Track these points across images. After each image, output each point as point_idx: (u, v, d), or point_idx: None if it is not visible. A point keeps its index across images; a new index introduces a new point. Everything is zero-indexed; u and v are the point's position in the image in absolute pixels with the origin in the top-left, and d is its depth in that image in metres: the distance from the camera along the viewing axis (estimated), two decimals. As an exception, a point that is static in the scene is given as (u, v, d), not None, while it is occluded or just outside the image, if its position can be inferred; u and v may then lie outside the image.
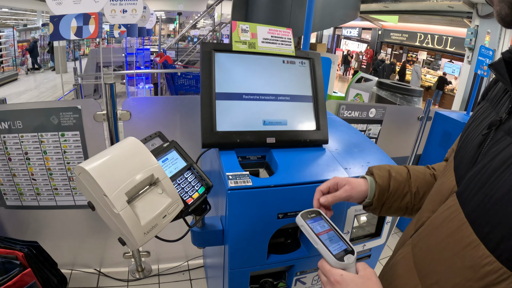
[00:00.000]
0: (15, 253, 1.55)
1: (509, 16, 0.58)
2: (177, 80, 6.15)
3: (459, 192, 0.60)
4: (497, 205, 0.50)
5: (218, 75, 1.25)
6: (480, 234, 0.52)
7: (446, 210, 0.62)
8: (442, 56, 13.28)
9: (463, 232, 0.55)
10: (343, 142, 1.44)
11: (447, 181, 0.68)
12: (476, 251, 0.52)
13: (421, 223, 0.71)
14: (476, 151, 0.62)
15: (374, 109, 2.63)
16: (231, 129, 1.22)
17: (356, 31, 18.25)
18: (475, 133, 0.66)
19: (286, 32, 1.37)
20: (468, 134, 0.69)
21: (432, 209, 0.69)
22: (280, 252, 1.23)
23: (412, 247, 0.70)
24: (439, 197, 0.68)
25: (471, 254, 0.52)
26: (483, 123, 0.65)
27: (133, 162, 0.76)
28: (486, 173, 0.54)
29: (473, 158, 0.62)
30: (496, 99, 0.67)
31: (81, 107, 1.78)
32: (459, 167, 0.66)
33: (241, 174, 1.07)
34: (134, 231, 0.70)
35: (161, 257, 2.38)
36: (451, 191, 0.65)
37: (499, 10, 0.59)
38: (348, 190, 0.89)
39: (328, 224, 0.79)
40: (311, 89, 1.37)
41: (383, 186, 0.90)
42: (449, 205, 0.62)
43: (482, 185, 0.54)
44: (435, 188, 0.75)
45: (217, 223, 1.19)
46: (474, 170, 0.58)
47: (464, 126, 0.75)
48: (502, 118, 0.59)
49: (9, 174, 1.89)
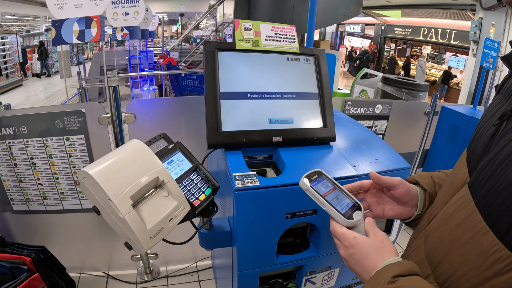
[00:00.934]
0: (22, 258, 1.54)
1: None
2: (181, 81, 6.15)
3: (470, 182, 0.60)
4: (505, 192, 0.49)
5: (222, 75, 1.23)
6: (489, 221, 0.51)
7: (457, 200, 0.61)
8: (446, 50, 13.16)
9: (473, 220, 0.54)
10: (350, 139, 1.42)
11: (460, 173, 0.67)
12: (485, 239, 0.51)
13: (434, 215, 0.70)
14: (488, 141, 0.61)
15: (380, 105, 2.60)
16: (236, 128, 1.21)
17: (359, 27, 18.13)
18: (488, 125, 0.64)
19: (290, 29, 1.35)
20: (481, 127, 0.68)
21: (444, 202, 0.68)
22: (289, 252, 1.22)
23: (424, 239, 0.69)
24: (452, 189, 0.67)
25: (481, 242, 0.52)
26: (496, 115, 0.63)
27: (138, 165, 0.74)
28: (497, 161, 0.54)
29: (485, 148, 0.61)
30: (509, 92, 0.65)
31: (86, 111, 1.78)
32: (471, 158, 0.65)
33: (248, 174, 1.05)
34: (140, 236, 0.68)
35: (169, 258, 2.37)
36: (464, 182, 0.63)
37: None
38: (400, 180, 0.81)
39: (331, 183, 0.79)
40: (316, 86, 1.35)
41: (432, 194, 0.82)
42: (460, 195, 0.61)
43: (492, 173, 0.53)
44: (448, 180, 0.74)
45: (224, 224, 1.17)
46: (485, 160, 0.58)
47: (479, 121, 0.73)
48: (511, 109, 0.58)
49: (15, 180, 1.89)
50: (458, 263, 0.56)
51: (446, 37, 12.53)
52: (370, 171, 0.86)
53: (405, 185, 0.81)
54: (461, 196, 0.60)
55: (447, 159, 2.89)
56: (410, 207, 0.82)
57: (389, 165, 1.26)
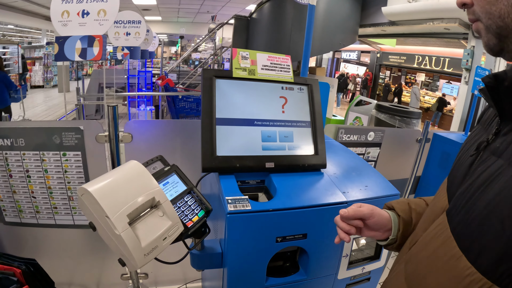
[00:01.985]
0: (13, 270, 1.54)
1: (497, 46, 0.62)
2: (178, 103, 6.23)
3: (448, 209, 0.64)
4: (476, 220, 0.54)
5: (218, 101, 1.28)
6: (462, 247, 0.56)
7: (436, 227, 0.66)
8: (440, 77, 13.48)
9: (448, 245, 0.59)
10: (341, 166, 1.46)
11: (440, 201, 0.72)
12: (459, 263, 0.56)
13: (414, 241, 0.74)
14: (466, 171, 0.65)
15: (372, 132, 2.66)
16: (230, 153, 1.25)
17: (355, 54, 18.54)
18: (467, 155, 0.69)
19: (285, 59, 1.42)
20: (460, 156, 0.73)
21: (425, 228, 0.72)
22: (279, 276, 1.24)
23: (405, 264, 0.73)
24: (432, 216, 0.71)
25: (455, 266, 0.56)
26: (474, 145, 0.68)
27: (135, 185, 0.78)
28: (471, 190, 0.59)
29: (463, 177, 0.65)
30: (487, 122, 0.70)
31: (84, 128, 1.81)
32: (451, 187, 0.70)
33: (240, 198, 1.09)
34: (134, 252, 0.71)
35: (159, 279, 2.36)
36: (443, 210, 0.67)
37: (487, 41, 0.64)
38: (372, 208, 0.87)
39: None
40: (309, 115, 1.40)
41: (406, 220, 0.87)
42: (438, 222, 0.66)
43: (466, 202, 0.58)
44: (429, 208, 0.79)
45: (216, 246, 1.20)
46: (462, 189, 0.62)
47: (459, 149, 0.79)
48: (489, 139, 0.63)
49: (9, 191, 1.90)
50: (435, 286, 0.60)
51: (440, 65, 12.86)
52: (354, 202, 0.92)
53: (375, 215, 0.87)
54: (439, 223, 0.65)
55: (439, 185, 2.91)
56: (382, 232, 0.88)
57: (378, 192, 1.30)
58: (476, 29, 0.66)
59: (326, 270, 1.27)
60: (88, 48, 3.14)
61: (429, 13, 5.60)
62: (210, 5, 12.73)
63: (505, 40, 0.61)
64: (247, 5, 12.13)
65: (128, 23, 5.05)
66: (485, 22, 0.63)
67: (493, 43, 0.63)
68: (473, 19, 0.67)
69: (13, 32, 15.97)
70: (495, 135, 0.62)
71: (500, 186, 0.53)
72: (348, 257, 1.29)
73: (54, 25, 3.23)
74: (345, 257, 1.28)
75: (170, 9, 14.11)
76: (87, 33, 3.17)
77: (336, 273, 1.30)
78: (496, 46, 0.62)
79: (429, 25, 5.90)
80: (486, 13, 0.61)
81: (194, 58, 16.80)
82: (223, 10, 13.35)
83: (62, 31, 3.21)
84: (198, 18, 15.96)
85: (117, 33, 5.10)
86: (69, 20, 3.20)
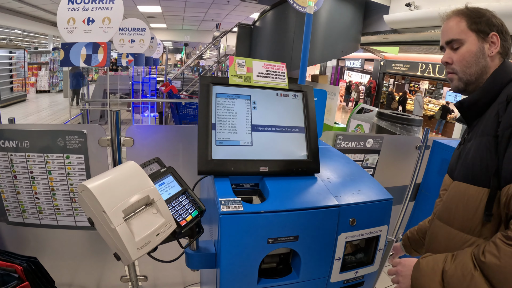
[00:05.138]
0: (14, 267, 1.59)
1: (462, 89, 1.14)
2: (182, 110, 6.31)
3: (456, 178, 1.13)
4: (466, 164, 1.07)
5: (214, 107, 1.33)
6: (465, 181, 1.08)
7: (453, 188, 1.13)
8: (443, 85, 13.49)
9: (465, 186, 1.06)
10: (335, 171, 1.50)
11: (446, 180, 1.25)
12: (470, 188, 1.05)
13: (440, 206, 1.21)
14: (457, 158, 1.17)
15: (371, 139, 2.69)
16: (226, 157, 1.29)
17: (358, 62, 18.62)
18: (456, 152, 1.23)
19: (280, 67, 1.47)
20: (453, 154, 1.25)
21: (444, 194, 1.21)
22: (272, 277, 1.27)
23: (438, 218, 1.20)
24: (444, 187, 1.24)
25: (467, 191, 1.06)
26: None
27: (131, 183, 0.83)
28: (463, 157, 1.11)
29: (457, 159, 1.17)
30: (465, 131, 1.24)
31: (87, 132, 1.86)
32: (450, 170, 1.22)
33: (233, 200, 1.13)
34: (128, 246, 0.76)
35: (158, 282, 2.38)
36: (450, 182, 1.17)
37: (457, 85, 1.14)
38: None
39: None
40: (303, 120, 1.45)
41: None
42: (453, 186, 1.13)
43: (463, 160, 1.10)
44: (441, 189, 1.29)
45: (210, 246, 1.23)
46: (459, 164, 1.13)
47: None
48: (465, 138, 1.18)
49: (13, 191, 1.95)
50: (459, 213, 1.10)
51: (443, 72, 12.83)
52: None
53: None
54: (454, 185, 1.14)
55: (439, 192, 2.93)
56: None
57: (371, 196, 1.32)
58: (450, 78, 1.15)
59: (318, 273, 1.29)
60: (93, 55, 3.22)
61: (430, 20, 5.65)
62: (215, 13, 12.88)
63: (467, 86, 1.13)
64: (251, 13, 12.27)
65: (132, 30, 5.14)
66: (460, 76, 1.12)
67: (461, 87, 1.14)
68: (450, 72, 1.15)
69: (20, 37, 16.21)
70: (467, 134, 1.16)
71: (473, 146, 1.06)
72: (341, 261, 1.31)
73: (60, 32, 3.32)
74: (337, 260, 1.30)
75: (175, 17, 14.29)
76: (92, 40, 3.25)
77: (328, 276, 1.32)
78: (462, 89, 1.14)
79: (430, 33, 5.95)
80: (463, 72, 1.11)
81: (201, 66, 16.94)
82: (227, 18, 13.50)
83: (68, 38, 3.29)
84: (202, 26, 16.14)
85: (122, 40, 5.19)
86: (75, 27, 3.28)
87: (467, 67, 1.09)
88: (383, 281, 2.65)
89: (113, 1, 3.24)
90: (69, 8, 3.23)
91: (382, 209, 1.32)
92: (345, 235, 1.25)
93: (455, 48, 1.11)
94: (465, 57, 1.09)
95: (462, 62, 1.10)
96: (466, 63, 1.09)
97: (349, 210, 1.23)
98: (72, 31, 3.29)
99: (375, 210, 1.28)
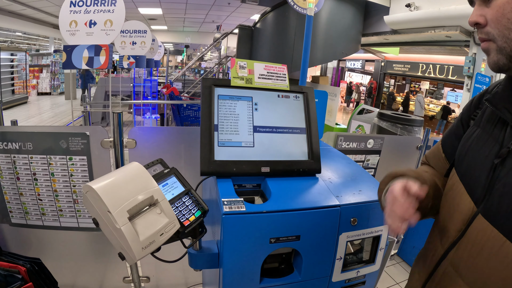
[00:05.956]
0: (18, 268, 1.60)
1: (506, 66, 0.69)
2: (183, 112, 6.33)
3: (487, 215, 0.70)
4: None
5: (217, 108, 1.35)
6: None
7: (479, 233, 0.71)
8: (444, 85, 13.50)
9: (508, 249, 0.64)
10: (336, 172, 1.51)
11: (463, 203, 0.77)
12: None
13: (449, 242, 0.79)
14: (487, 176, 0.72)
15: (372, 139, 2.70)
16: (228, 158, 1.31)
17: (359, 63, 18.63)
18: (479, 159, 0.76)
19: (281, 68, 1.48)
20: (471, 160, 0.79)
21: (456, 229, 0.77)
22: (274, 276, 1.28)
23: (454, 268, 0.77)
24: (460, 217, 0.77)
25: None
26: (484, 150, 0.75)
27: (136, 184, 0.85)
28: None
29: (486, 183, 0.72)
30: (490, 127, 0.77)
31: (90, 134, 1.88)
32: (473, 190, 0.75)
33: (236, 200, 1.14)
34: (133, 245, 0.78)
35: (161, 283, 2.40)
36: (472, 212, 0.74)
37: (496, 60, 0.70)
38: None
39: None
40: (304, 121, 1.46)
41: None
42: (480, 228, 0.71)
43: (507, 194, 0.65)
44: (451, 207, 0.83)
45: (213, 246, 1.25)
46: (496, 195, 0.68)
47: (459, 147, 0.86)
48: (510, 148, 0.68)
49: (16, 193, 1.97)
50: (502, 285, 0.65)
51: (444, 73, 12.88)
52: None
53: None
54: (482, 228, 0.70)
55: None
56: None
57: (371, 196, 1.34)
58: (485, 48, 0.71)
59: (320, 272, 1.30)
60: (95, 57, 3.23)
61: (430, 21, 5.68)
62: (215, 15, 12.91)
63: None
64: (251, 15, 12.30)
65: (134, 32, 5.16)
66: (499, 44, 0.68)
67: (503, 63, 0.69)
68: (484, 39, 0.71)
69: (21, 39, 16.25)
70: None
71: None
72: (342, 260, 1.33)
73: (62, 34, 3.33)
74: (339, 260, 1.32)
75: (176, 19, 14.32)
76: (94, 42, 3.27)
77: (330, 275, 1.33)
78: (506, 66, 0.69)
79: (430, 33, 5.97)
80: (503, 36, 0.66)
81: (203, 67, 16.95)
82: (228, 19, 13.53)
83: (70, 40, 3.31)
84: (203, 27, 16.17)
85: (123, 42, 5.21)
86: (77, 29, 3.30)
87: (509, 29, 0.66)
88: (384, 281, 2.67)
89: (115, 4, 3.26)
90: (71, 10, 3.25)
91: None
92: (346, 235, 1.27)
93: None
94: (505, 11, 0.65)
95: (501, 20, 0.66)
96: (508, 21, 0.65)
97: (350, 210, 1.24)
98: (74, 33, 3.31)
99: (376, 210, 1.29)
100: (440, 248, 0.82)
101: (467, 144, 0.82)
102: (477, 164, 0.75)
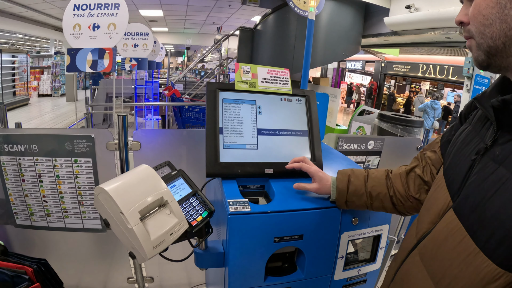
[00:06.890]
0: (24, 268, 1.62)
1: (485, 62, 0.71)
2: (184, 113, 6.36)
3: (456, 208, 0.73)
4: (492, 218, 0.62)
5: (221, 112, 1.39)
6: (479, 244, 0.64)
7: (447, 225, 0.74)
8: (444, 86, 13.52)
9: (466, 243, 0.67)
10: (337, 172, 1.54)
11: (441, 196, 0.80)
12: (477, 258, 0.64)
13: (422, 233, 0.82)
14: (466, 172, 0.74)
15: (372, 141, 2.73)
16: (233, 160, 1.34)
17: (360, 64, 18.68)
18: (463, 155, 0.79)
19: (284, 72, 1.52)
20: (455, 155, 0.83)
21: (430, 221, 0.81)
22: (278, 275, 1.31)
23: (420, 257, 0.80)
24: (436, 210, 0.80)
25: (473, 261, 0.65)
26: (469, 147, 0.78)
27: (146, 186, 0.88)
28: (480, 194, 0.67)
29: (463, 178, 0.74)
30: (479, 125, 0.80)
31: (95, 136, 1.90)
32: (451, 184, 0.78)
33: (241, 201, 1.17)
34: (144, 245, 0.81)
35: (164, 283, 2.42)
36: (447, 205, 0.77)
37: (476, 57, 0.72)
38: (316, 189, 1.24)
39: None
40: (306, 124, 1.50)
41: (341, 189, 1.18)
42: (449, 220, 0.74)
43: (478, 204, 0.66)
44: (430, 200, 0.87)
45: (219, 246, 1.28)
46: (468, 190, 0.71)
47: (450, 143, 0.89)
48: (487, 145, 0.70)
49: (21, 195, 1.99)
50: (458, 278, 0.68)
51: (444, 73, 12.92)
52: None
53: (317, 179, 1.26)
54: (450, 221, 0.73)
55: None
56: (324, 192, 1.24)
57: (372, 197, 1.37)
58: (469, 45, 0.74)
59: (322, 271, 1.33)
60: (98, 60, 3.27)
61: (430, 22, 5.70)
62: (216, 16, 12.96)
63: (493, 57, 0.69)
64: (252, 16, 12.34)
65: (136, 35, 5.20)
66: (477, 40, 0.70)
67: (481, 59, 0.71)
68: (467, 37, 0.74)
69: (22, 41, 16.29)
70: (493, 142, 0.70)
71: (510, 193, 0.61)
72: (344, 259, 1.36)
73: (66, 38, 3.37)
74: (340, 258, 1.35)
75: (177, 21, 14.36)
76: (98, 45, 3.31)
77: (332, 273, 1.36)
78: (484, 62, 0.71)
79: (430, 34, 6.00)
80: (479, 33, 0.69)
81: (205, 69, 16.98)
82: (228, 21, 13.57)
83: (74, 43, 3.35)
84: (204, 29, 16.22)
85: (125, 45, 5.25)
86: (81, 33, 3.34)
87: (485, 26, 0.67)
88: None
89: (118, 7, 3.30)
90: (75, 14, 3.29)
91: (384, 209, 1.36)
92: (347, 234, 1.30)
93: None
94: (481, 8, 0.67)
95: (478, 17, 0.68)
96: (483, 18, 0.67)
97: (351, 210, 1.27)
98: (78, 37, 3.35)
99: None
100: (414, 238, 0.85)
101: (456, 141, 0.86)
102: (460, 160, 0.78)
